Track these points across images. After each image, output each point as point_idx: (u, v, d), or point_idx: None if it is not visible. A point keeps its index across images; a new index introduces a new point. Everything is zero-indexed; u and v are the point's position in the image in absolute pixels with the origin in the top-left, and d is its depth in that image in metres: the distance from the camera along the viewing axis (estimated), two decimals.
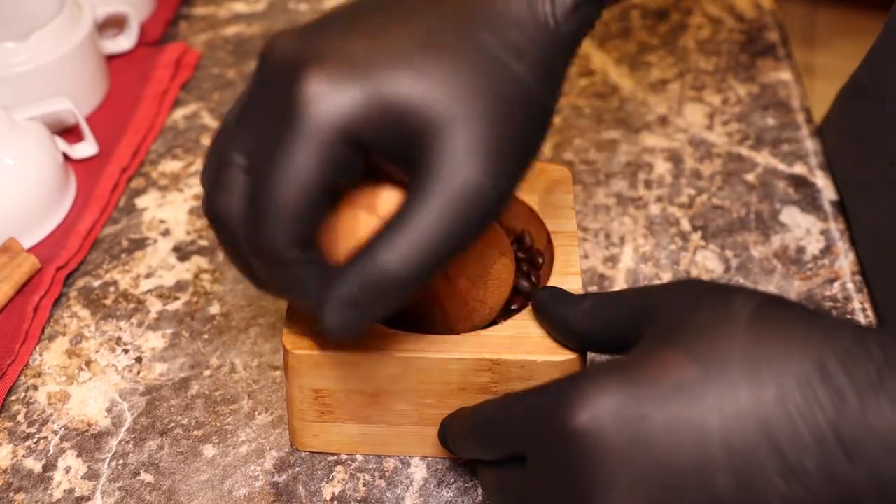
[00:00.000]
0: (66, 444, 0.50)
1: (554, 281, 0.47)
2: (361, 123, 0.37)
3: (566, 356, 0.44)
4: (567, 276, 0.47)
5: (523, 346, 0.44)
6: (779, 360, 0.34)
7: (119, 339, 0.55)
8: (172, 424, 0.50)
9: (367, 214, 0.40)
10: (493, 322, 0.48)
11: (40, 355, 0.54)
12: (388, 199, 0.40)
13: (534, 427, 0.37)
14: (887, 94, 0.57)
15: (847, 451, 0.32)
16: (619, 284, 0.57)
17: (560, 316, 0.43)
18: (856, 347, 0.33)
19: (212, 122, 0.69)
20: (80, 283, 0.58)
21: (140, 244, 0.60)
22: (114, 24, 0.73)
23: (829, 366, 0.33)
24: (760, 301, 0.36)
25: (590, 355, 0.46)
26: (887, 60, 0.58)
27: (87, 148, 0.65)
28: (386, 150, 0.38)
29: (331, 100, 0.36)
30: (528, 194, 0.51)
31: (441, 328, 0.46)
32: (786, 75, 0.72)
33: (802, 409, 0.33)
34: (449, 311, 0.45)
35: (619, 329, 0.40)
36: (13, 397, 0.52)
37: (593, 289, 0.57)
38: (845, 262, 0.58)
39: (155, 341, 0.55)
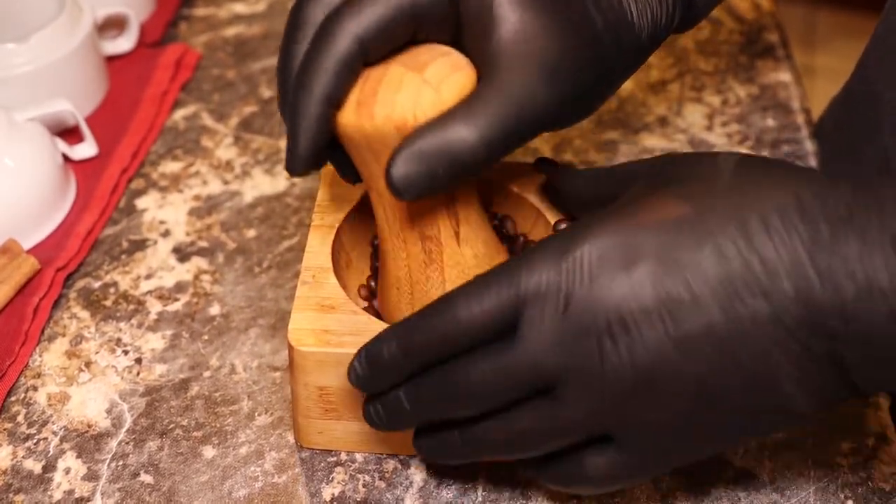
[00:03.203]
0: (65, 445, 0.50)
1: None
2: None
3: None
4: None
5: None
6: (761, 195, 0.37)
7: (119, 340, 0.55)
8: (172, 425, 0.50)
9: (413, 74, 0.42)
10: None
11: (40, 356, 0.54)
12: (439, 66, 0.42)
13: (536, 282, 0.38)
14: (875, 102, 0.57)
15: (820, 276, 0.35)
16: None
17: (558, 182, 0.47)
18: (829, 188, 0.36)
19: (212, 124, 0.69)
20: (80, 284, 0.58)
21: (140, 245, 0.60)
22: (114, 25, 0.73)
23: (805, 200, 0.36)
24: (742, 156, 0.40)
25: None
26: (875, 68, 0.58)
27: (86, 149, 0.65)
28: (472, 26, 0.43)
29: None
30: (536, 195, 0.51)
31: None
32: (785, 76, 0.72)
33: (783, 236, 0.36)
34: (447, 280, 0.46)
35: (608, 194, 0.43)
36: (13, 398, 0.52)
37: None
38: None
39: (155, 342, 0.55)
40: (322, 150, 0.42)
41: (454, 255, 0.45)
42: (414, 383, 0.40)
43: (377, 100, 0.41)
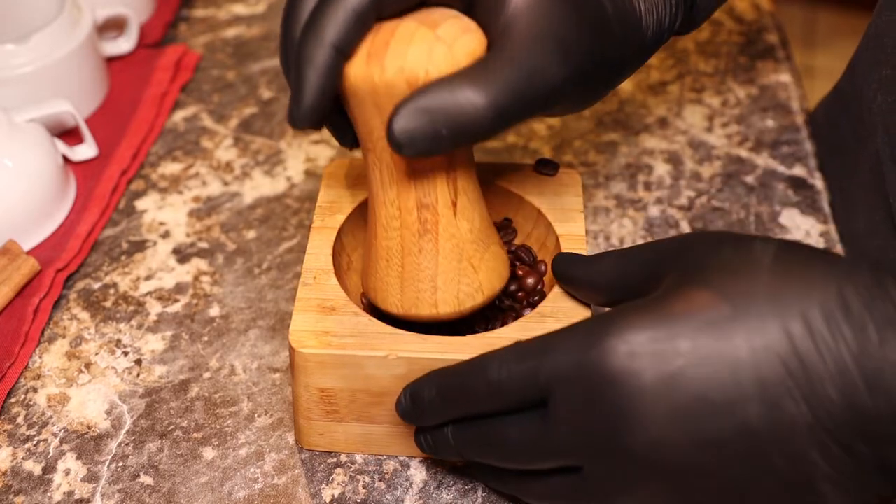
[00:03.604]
0: (65, 447, 0.50)
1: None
2: None
3: None
4: None
5: None
6: (803, 296, 0.35)
7: (119, 341, 0.55)
8: (172, 427, 0.50)
9: (426, 29, 0.41)
10: (485, 325, 0.49)
11: (40, 357, 0.54)
12: (451, 26, 0.41)
13: (564, 368, 0.38)
14: (864, 104, 0.57)
15: (867, 382, 0.34)
16: None
17: (580, 275, 0.44)
18: (874, 286, 0.35)
19: (212, 125, 0.69)
20: (80, 285, 0.58)
21: (140, 246, 0.60)
22: (114, 26, 0.73)
23: (850, 301, 0.35)
24: (780, 244, 0.38)
25: None
26: (865, 70, 0.58)
27: (86, 150, 0.65)
28: None
29: None
30: (538, 197, 0.51)
31: (424, 280, 0.45)
32: (785, 77, 0.72)
33: (828, 341, 0.34)
34: (441, 252, 0.45)
35: (639, 279, 0.41)
36: (13, 399, 0.52)
37: None
38: None
39: (154, 343, 0.55)
40: (328, 103, 0.41)
41: (450, 227, 0.45)
42: (459, 427, 0.42)
43: (388, 52, 0.40)
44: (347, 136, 0.46)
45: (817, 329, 0.35)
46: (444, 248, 0.45)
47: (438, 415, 0.42)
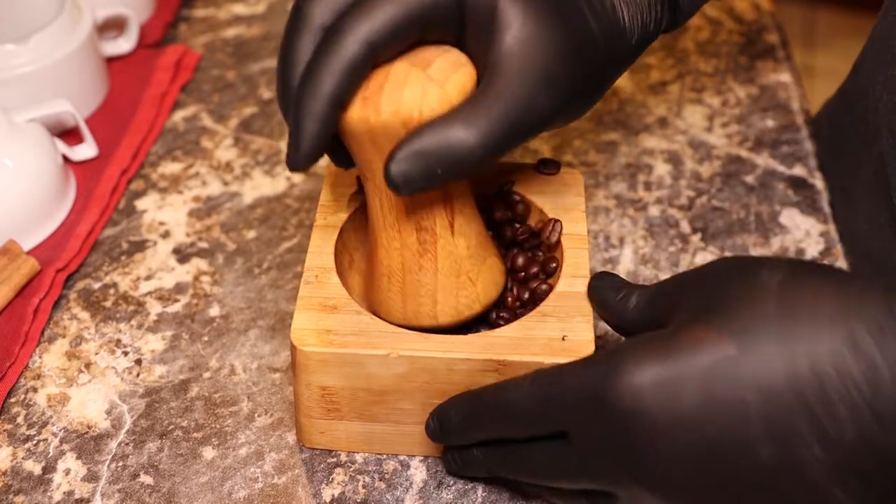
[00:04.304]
0: (65, 447, 0.50)
1: (563, 283, 0.47)
2: None
3: (573, 358, 0.44)
4: (576, 279, 0.47)
5: (530, 348, 0.44)
6: (811, 334, 0.35)
7: (119, 341, 0.55)
8: (172, 426, 0.50)
9: (418, 70, 0.42)
10: (482, 324, 0.49)
11: (40, 357, 0.54)
12: (442, 63, 0.43)
13: (577, 404, 0.38)
14: (870, 105, 0.57)
15: (880, 420, 0.33)
16: None
17: (610, 307, 0.45)
18: (885, 319, 0.34)
19: (211, 124, 0.69)
20: (80, 285, 0.58)
21: (140, 246, 0.60)
22: (114, 26, 0.73)
23: (860, 339, 0.34)
24: (787, 270, 0.37)
25: None
26: (870, 71, 0.58)
27: (86, 150, 0.65)
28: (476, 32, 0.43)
29: None
30: (540, 196, 0.51)
31: (425, 295, 0.46)
32: (785, 77, 0.72)
33: (836, 382, 0.34)
34: (440, 270, 0.46)
35: (660, 314, 0.41)
36: (13, 399, 0.52)
37: None
38: (844, 264, 0.58)
39: (154, 343, 0.55)
40: (326, 147, 0.43)
41: (447, 246, 0.46)
42: (488, 449, 0.43)
43: (383, 95, 0.42)
44: (343, 159, 0.47)
45: (825, 370, 0.34)
46: (442, 265, 0.46)
47: (464, 438, 0.44)
